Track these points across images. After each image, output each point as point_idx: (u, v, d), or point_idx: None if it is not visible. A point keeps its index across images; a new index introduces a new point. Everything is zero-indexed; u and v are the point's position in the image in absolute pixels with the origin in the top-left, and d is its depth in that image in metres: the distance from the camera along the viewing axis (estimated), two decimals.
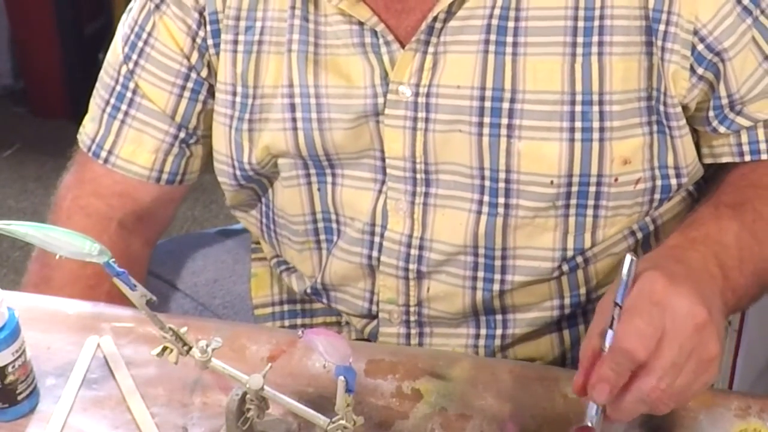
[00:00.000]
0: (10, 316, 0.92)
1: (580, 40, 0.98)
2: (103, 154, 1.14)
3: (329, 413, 0.83)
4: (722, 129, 1.03)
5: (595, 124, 0.99)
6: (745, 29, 0.98)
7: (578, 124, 0.99)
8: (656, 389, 0.82)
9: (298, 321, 1.24)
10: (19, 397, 0.94)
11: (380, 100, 1.03)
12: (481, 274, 1.07)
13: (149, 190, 1.16)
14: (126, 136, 1.13)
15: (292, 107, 1.06)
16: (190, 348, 0.88)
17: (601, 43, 0.98)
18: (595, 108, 0.99)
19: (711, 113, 1.02)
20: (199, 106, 1.12)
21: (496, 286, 1.07)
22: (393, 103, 1.02)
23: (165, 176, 1.15)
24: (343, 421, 0.82)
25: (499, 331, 1.11)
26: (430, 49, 1.01)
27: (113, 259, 0.81)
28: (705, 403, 0.94)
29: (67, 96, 3.11)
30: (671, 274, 0.86)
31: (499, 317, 1.11)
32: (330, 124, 1.05)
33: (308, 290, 1.17)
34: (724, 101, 1.01)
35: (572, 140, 0.99)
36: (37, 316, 1.04)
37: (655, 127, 1.01)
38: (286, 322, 1.24)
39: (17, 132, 3.08)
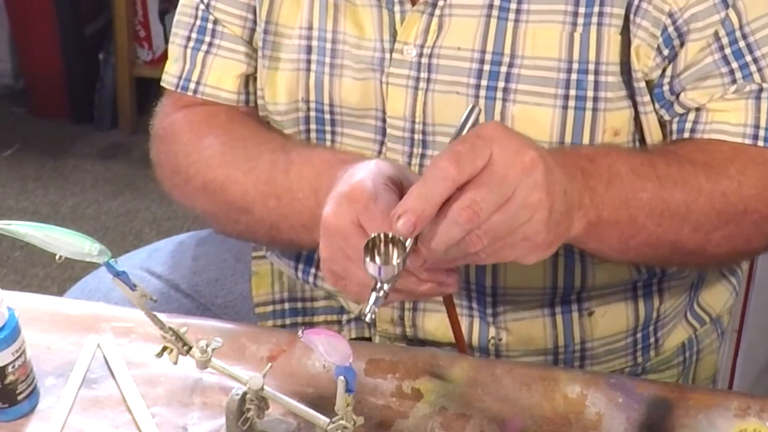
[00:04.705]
0: (10, 316, 0.92)
1: (581, 10, 0.99)
2: (192, 85, 1.16)
3: (329, 413, 0.83)
4: (656, 107, 1.03)
5: (590, 93, 1.00)
6: (714, 21, 0.98)
7: (572, 92, 1.00)
8: (470, 211, 0.78)
9: (299, 319, 1.23)
10: (19, 397, 0.94)
11: (386, 56, 1.05)
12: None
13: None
14: (211, 65, 1.15)
15: (309, 49, 1.09)
16: (190, 348, 0.88)
17: (601, 14, 0.99)
18: (591, 77, 1.00)
19: (654, 90, 1.03)
20: None
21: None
22: (397, 62, 1.04)
23: (252, 98, 1.16)
24: (343, 421, 0.82)
25: (489, 310, 1.11)
26: (437, 12, 1.02)
27: (113, 259, 0.82)
28: (705, 403, 0.94)
29: (67, 96, 3.10)
30: (514, 132, 0.83)
31: (489, 299, 1.10)
32: (341, 70, 1.07)
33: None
34: (666, 80, 1.02)
35: (565, 107, 1.01)
36: (37, 316, 1.04)
37: (634, 101, 1.02)
38: (287, 321, 1.24)
39: (17, 132, 3.08)
